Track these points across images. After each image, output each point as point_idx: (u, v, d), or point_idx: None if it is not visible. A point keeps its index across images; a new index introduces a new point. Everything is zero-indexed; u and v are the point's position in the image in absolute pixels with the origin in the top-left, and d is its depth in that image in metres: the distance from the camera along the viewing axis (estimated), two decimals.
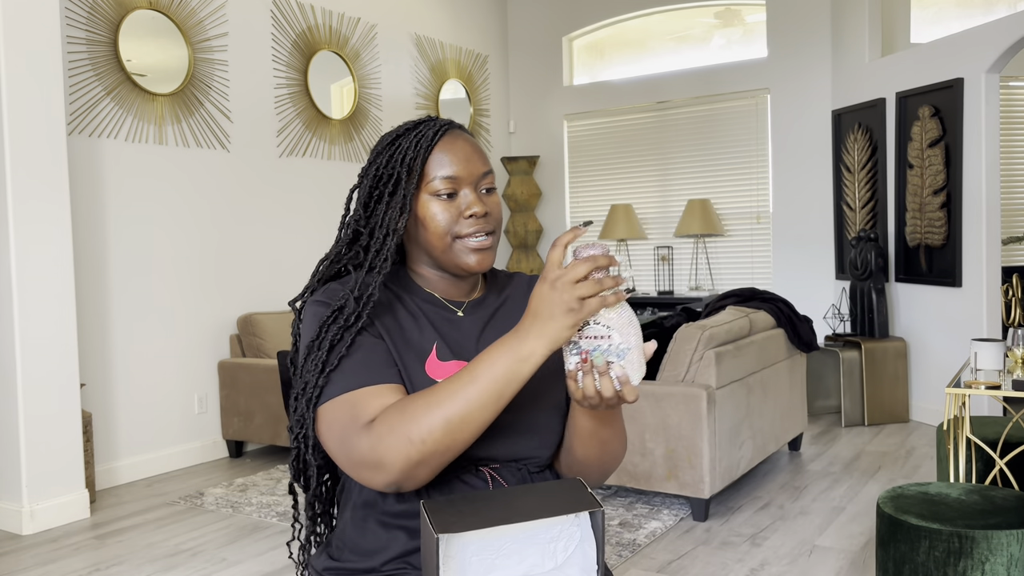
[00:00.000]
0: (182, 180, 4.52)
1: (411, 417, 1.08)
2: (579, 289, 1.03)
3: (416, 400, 1.10)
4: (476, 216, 1.25)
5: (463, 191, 1.26)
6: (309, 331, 1.22)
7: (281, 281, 5.10)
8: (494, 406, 1.09)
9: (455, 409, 1.08)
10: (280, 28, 5.08)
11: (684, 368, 3.42)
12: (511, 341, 1.08)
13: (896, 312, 5.24)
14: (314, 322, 1.22)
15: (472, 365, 1.09)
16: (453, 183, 1.25)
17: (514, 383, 1.08)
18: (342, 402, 1.15)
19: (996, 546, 2.00)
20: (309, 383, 1.17)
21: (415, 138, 1.27)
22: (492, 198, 1.29)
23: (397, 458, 1.08)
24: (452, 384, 1.09)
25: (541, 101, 7.10)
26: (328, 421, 1.15)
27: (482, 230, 1.25)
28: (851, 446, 4.52)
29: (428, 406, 1.08)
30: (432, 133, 1.26)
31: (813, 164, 5.92)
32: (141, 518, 3.68)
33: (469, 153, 1.27)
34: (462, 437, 1.09)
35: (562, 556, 1.17)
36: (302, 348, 1.22)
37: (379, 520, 1.26)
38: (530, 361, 1.07)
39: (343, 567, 1.29)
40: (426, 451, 1.08)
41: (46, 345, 3.55)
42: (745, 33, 6.29)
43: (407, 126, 1.29)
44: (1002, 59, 4.41)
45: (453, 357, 1.27)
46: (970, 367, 2.68)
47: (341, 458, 1.14)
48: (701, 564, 2.96)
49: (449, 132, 1.28)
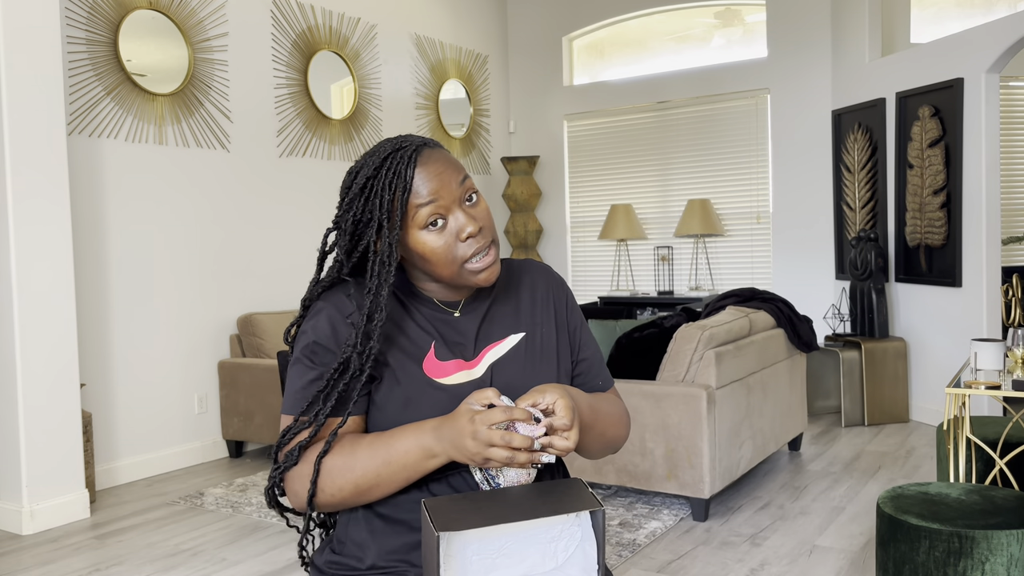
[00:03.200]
0: (182, 180, 4.52)
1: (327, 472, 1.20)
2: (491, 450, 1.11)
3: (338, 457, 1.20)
4: (473, 235, 1.24)
5: (451, 214, 1.24)
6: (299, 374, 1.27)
7: (281, 281, 5.10)
8: (400, 484, 1.20)
9: (366, 480, 1.20)
10: (280, 28, 5.08)
11: (684, 368, 3.42)
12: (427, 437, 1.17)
13: (896, 312, 5.24)
14: (307, 370, 1.26)
15: (391, 443, 1.19)
16: (439, 208, 1.22)
17: (420, 472, 1.19)
18: (288, 419, 1.26)
19: (996, 546, 2.00)
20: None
21: (388, 178, 1.22)
22: (478, 207, 1.26)
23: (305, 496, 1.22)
24: (370, 452, 1.19)
25: (541, 101, 7.10)
26: (282, 428, 1.27)
27: (483, 246, 1.25)
28: (851, 446, 4.52)
29: (344, 468, 1.20)
30: (404, 168, 1.22)
31: (813, 164, 5.92)
32: (141, 518, 3.68)
33: (441, 170, 1.23)
34: (367, 499, 1.22)
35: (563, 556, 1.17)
36: (294, 380, 1.27)
37: (380, 516, 1.28)
38: (436, 460, 1.18)
39: (344, 562, 1.30)
40: (331, 503, 1.22)
41: (46, 345, 3.55)
42: (745, 33, 6.29)
43: (374, 164, 1.24)
44: (1002, 59, 4.41)
45: (453, 357, 1.29)
46: (970, 367, 2.68)
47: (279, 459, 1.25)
48: (701, 564, 2.96)
49: (419, 157, 1.23)
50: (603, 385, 1.43)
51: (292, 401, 1.25)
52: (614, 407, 1.37)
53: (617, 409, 1.38)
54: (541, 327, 1.36)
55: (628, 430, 1.39)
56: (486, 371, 1.29)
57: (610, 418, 1.34)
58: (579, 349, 1.41)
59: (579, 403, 1.25)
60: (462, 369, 1.28)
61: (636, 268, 6.75)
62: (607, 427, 1.33)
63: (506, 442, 1.10)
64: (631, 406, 3.44)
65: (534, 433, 1.12)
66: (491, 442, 1.10)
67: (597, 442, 1.32)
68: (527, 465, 1.13)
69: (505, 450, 1.10)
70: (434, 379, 1.26)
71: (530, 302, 1.38)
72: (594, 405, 1.30)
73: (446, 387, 1.26)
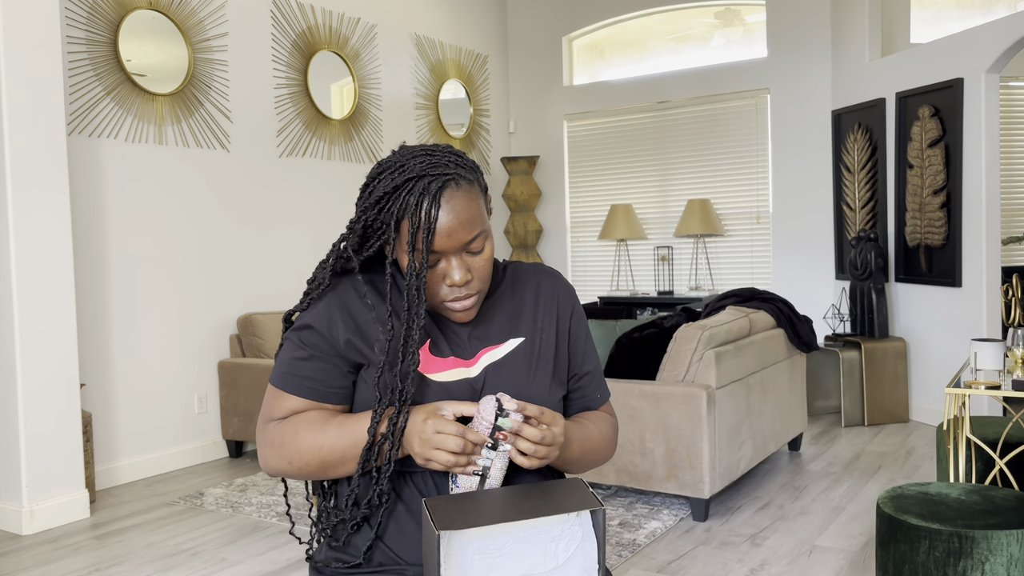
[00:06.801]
0: (182, 180, 4.52)
1: (295, 445, 1.25)
2: (435, 453, 1.17)
3: (308, 430, 1.25)
4: (456, 286, 1.24)
5: (445, 258, 1.24)
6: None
7: (281, 281, 5.10)
8: (365, 466, 1.24)
9: (333, 456, 1.24)
10: (280, 28, 5.08)
11: (684, 368, 3.42)
12: (384, 427, 1.22)
13: (896, 312, 5.24)
14: (296, 348, 1.32)
15: (358, 425, 1.23)
16: (436, 255, 1.23)
17: (384, 457, 1.24)
18: (274, 391, 1.30)
19: (996, 546, 2.00)
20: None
21: (408, 203, 1.20)
22: (478, 259, 1.25)
23: (276, 466, 1.28)
24: (340, 432, 1.23)
25: (541, 101, 7.10)
26: (264, 398, 1.35)
27: (462, 295, 1.25)
28: (851, 446, 4.52)
29: (313, 445, 1.24)
30: (429, 207, 1.19)
31: (813, 164, 5.92)
32: (141, 518, 3.68)
33: (455, 227, 1.20)
34: (332, 474, 1.27)
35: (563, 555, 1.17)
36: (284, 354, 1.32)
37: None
38: (396, 449, 1.22)
39: (344, 559, 1.31)
40: (298, 473, 1.27)
41: (46, 345, 3.55)
42: (745, 33, 6.29)
43: (395, 182, 1.21)
44: (1002, 59, 4.41)
45: (450, 354, 1.30)
46: (970, 367, 2.69)
47: (256, 432, 1.32)
48: (701, 564, 2.96)
49: (442, 197, 1.20)
50: (601, 398, 1.45)
51: (279, 373, 1.30)
52: (603, 431, 1.41)
53: (606, 432, 1.41)
54: (542, 332, 1.36)
55: (614, 448, 1.45)
56: (481, 372, 1.30)
57: (599, 445, 1.39)
58: (582, 363, 1.41)
59: (570, 439, 1.31)
60: (459, 366, 1.29)
61: (636, 268, 6.75)
62: (594, 455, 1.39)
63: (447, 447, 1.15)
64: (631, 406, 3.44)
65: (486, 454, 1.18)
66: (435, 446, 1.16)
67: (577, 466, 1.38)
68: (468, 472, 1.18)
69: (446, 454, 1.15)
70: (426, 374, 1.27)
71: (533, 306, 1.38)
72: (584, 441, 1.35)
73: (438, 382, 1.27)
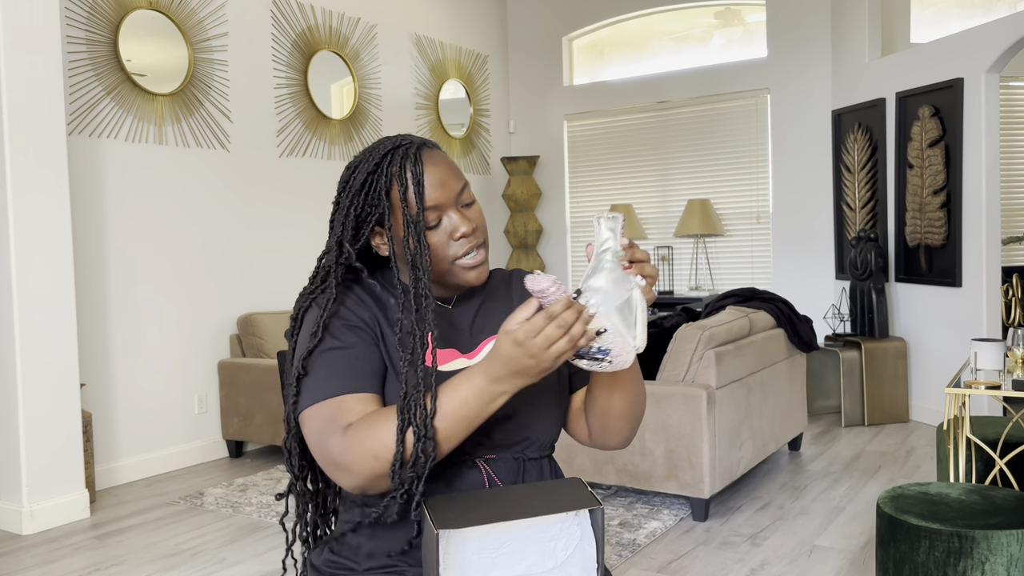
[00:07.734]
0: (182, 180, 4.52)
1: (377, 436, 1.13)
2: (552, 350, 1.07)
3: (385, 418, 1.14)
4: (466, 236, 1.26)
5: (446, 214, 1.26)
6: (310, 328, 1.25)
7: (281, 281, 5.10)
8: (459, 438, 1.14)
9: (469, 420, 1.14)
10: (280, 28, 5.08)
11: (684, 368, 3.42)
12: (479, 381, 1.12)
13: (896, 312, 5.24)
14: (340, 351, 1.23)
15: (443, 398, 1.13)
16: (437, 212, 1.25)
17: (481, 419, 1.13)
18: (325, 405, 1.18)
19: (996, 546, 2.00)
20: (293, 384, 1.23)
21: (393, 172, 1.24)
22: (473, 209, 1.30)
23: (363, 469, 1.13)
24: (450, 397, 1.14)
25: (541, 101, 7.10)
26: (311, 419, 1.19)
27: (474, 246, 1.27)
28: (851, 446, 4.52)
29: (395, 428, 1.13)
30: (412, 166, 1.23)
31: (813, 164, 5.92)
32: (141, 518, 3.68)
33: (444, 176, 1.25)
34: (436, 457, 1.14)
35: (562, 555, 1.17)
36: (302, 341, 1.26)
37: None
38: (499, 401, 1.13)
39: (342, 562, 1.31)
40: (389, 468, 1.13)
41: (46, 345, 3.55)
42: (745, 33, 6.29)
43: (374, 160, 1.25)
44: (1002, 59, 4.41)
45: (448, 346, 1.31)
46: (970, 367, 2.68)
47: (319, 456, 1.17)
48: (701, 564, 2.96)
49: (422, 156, 1.25)
50: None
51: (331, 379, 1.20)
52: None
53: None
54: None
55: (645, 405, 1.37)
56: None
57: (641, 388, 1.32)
58: None
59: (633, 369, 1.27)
60: (460, 358, 1.30)
61: None
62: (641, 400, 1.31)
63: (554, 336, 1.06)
64: None
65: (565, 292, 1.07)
66: (549, 343, 1.06)
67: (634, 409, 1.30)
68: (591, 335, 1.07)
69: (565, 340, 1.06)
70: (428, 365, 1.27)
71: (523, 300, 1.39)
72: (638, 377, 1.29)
73: (443, 374, 1.27)
